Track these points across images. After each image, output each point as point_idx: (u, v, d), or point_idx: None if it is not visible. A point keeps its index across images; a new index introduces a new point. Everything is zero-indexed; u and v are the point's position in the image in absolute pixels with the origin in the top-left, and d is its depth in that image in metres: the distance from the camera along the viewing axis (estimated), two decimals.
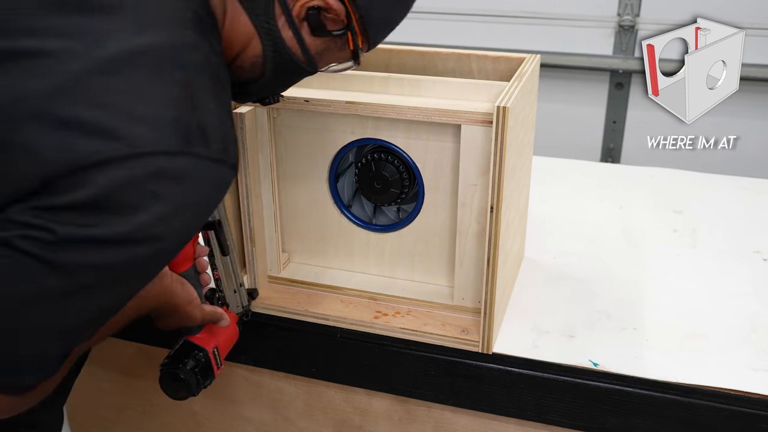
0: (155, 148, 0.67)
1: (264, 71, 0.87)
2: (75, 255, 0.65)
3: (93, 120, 0.66)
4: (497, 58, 1.19)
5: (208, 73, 0.74)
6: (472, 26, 3.08)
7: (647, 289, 1.24)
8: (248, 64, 0.85)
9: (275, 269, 1.20)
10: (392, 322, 1.11)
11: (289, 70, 0.88)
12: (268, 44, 0.84)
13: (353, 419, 1.19)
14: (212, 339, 1.00)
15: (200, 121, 0.71)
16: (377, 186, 1.11)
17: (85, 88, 0.66)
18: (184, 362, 0.96)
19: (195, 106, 0.71)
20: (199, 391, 0.98)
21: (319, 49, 0.87)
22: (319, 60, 0.89)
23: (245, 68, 0.86)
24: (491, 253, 1.01)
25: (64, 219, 0.64)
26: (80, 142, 0.65)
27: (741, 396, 0.99)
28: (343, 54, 0.90)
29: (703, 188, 1.64)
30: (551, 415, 1.06)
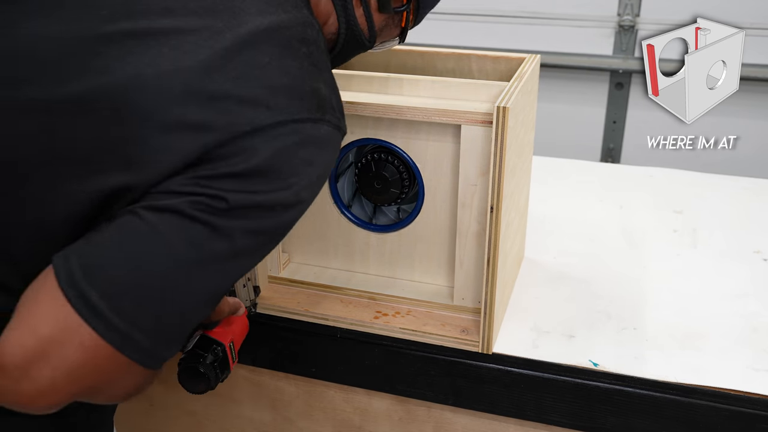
0: (301, 116, 0.71)
1: (334, 47, 0.91)
2: (243, 221, 0.68)
3: (243, 92, 0.69)
4: (497, 58, 1.19)
5: (322, 47, 0.79)
6: (472, 26, 3.08)
7: (647, 289, 1.24)
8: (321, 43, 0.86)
9: (275, 269, 1.20)
10: (392, 322, 1.11)
11: (354, 46, 0.92)
12: (342, 21, 0.88)
13: (353, 419, 1.19)
14: (228, 333, 1.01)
15: (325, 91, 0.76)
16: (377, 186, 1.11)
17: (231, 63, 0.70)
18: (204, 357, 0.96)
19: (320, 78, 0.76)
20: (217, 385, 0.98)
21: (381, 26, 0.92)
22: (378, 35, 0.93)
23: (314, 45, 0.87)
24: (491, 253, 1.01)
25: (231, 186, 0.67)
26: (234, 111, 0.68)
27: (741, 396, 0.99)
28: (395, 31, 0.95)
29: (703, 188, 1.64)
30: (551, 415, 1.06)
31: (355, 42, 0.91)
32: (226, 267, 0.70)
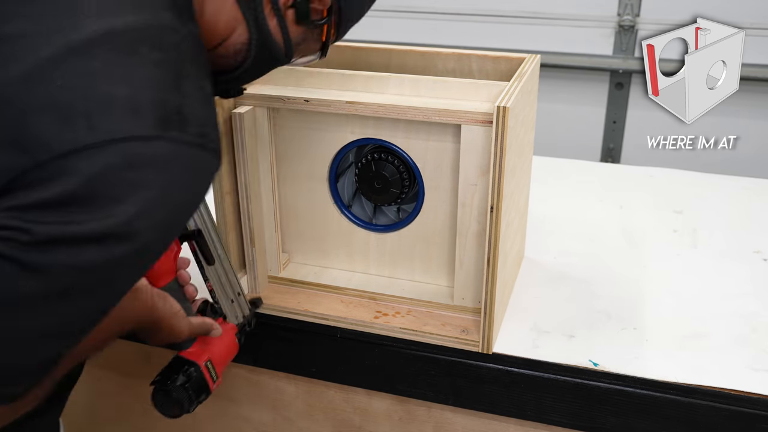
0: (130, 133, 0.62)
1: (245, 60, 0.84)
2: (54, 255, 0.60)
3: (63, 106, 0.61)
4: (497, 58, 1.19)
5: (187, 56, 0.71)
6: (472, 26, 3.08)
7: (647, 289, 1.24)
8: (231, 52, 0.83)
9: (275, 269, 1.20)
10: (392, 322, 1.11)
11: (268, 59, 0.86)
12: (254, 32, 0.82)
13: (353, 419, 1.19)
14: (204, 352, 0.97)
15: (178, 104, 0.66)
16: (377, 186, 1.11)
17: (56, 72, 0.62)
18: (174, 378, 0.93)
19: (172, 89, 0.67)
20: (194, 407, 0.95)
21: (299, 39, 0.86)
22: (296, 50, 0.87)
23: (228, 56, 0.83)
24: (491, 253, 1.01)
25: (38, 217, 0.59)
26: (50, 129, 0.60)
27: (741, 396, 0.99)
28: (314, 46, 0.89)
29: (703, 188, 1.64)
30: (551, 415, 1.06)
31: (269, 55, 0.85)
32: (55, 307, 0.62)
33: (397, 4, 3.15)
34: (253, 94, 1.08)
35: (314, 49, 0.90)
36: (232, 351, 1.03)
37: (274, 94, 1.07)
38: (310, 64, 0.94)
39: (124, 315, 0.83)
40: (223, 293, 1.03)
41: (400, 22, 3.16)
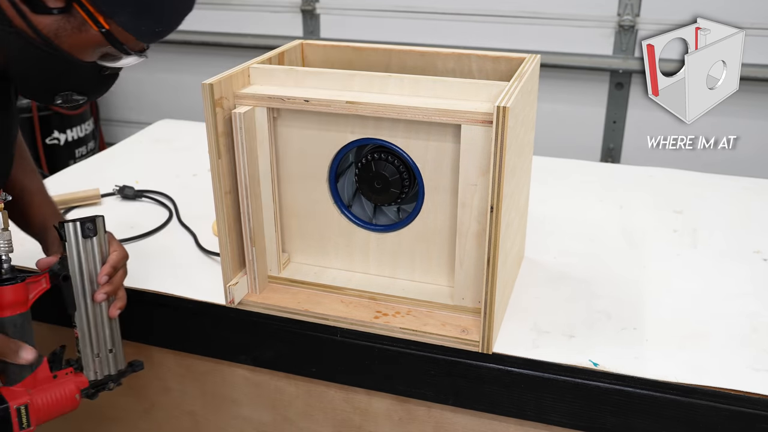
0: None
1: (1, 54, 0.87)
2: None
3: None
4: (497, 58, 1.19)
5: None
6: (472, 26, 3.08)
7: (647, 289, 1.24)
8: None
9: (275, 269, 1.20)
10: (392, 322, 1.11)
11: (33, 55, 0.87)
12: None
13: (353, 419, 1.19)
14: (24, 395, 0.94)
15: None
16: (377, 186, 1.11)
17: None
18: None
19: None
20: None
21: (53, 31, 0.87)
22: (61, 43, 0.88)
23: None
24: (491, 253, 1.01)
25: None
26: None
27: (741, 396, 0.99)
28: (92, 37, 0.88)
29: (703, 188, 1.64)
30: (551, 415, 1.06)
31: (27, 48, 0.87)
32: None
33: (397, 4, 3.15)
34: (253, 94, 1.08)
35: (98, 41, 0.89)
36: (64, 405, 0.99)
37: (274, 94, 1.07)
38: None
39: None
40: (89, 344, 1.03)
41: (400, 22, 3.16)
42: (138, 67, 0.98)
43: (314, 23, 3.30)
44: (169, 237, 1.42)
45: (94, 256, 1.04)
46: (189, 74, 3.40)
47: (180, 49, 3.40)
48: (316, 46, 1.28)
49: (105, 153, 1.95)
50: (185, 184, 1.63)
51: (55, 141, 3.23)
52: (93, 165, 1.83)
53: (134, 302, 1.22)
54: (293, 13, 3.31)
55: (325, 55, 1.28)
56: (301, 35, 3.31)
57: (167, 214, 1.50)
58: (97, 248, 1.04)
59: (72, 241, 1.01)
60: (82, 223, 1.02)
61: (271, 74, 1.11)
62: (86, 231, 1.02)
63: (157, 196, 1.58)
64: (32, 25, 0.86)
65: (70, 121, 3.27)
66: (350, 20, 3.25)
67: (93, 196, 1.55)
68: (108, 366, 1.06)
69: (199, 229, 1.42)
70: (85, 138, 3.36)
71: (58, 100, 0.96)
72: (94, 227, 1.03)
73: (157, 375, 1.29)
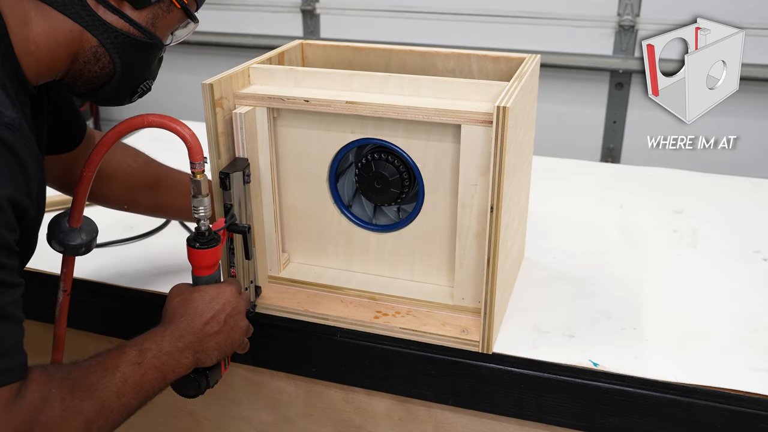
0: None
1: (112, 61, 0.92)
2: None
3: None
4: (497, 58, 1.19)
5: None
6: (472, 26, 3.08)
7: (647, 289, 1.24)
8: (92, 58, 0.90)
9: (275, 269, 1.20)
10: (392, 322, 1.11)
11: (136, 50, 0.93)
12: (100, 34, 0.90)
13: (353, 419, 1.19)
14: None
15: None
16: (377, 186, 1.11)
17: None
18: None
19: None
20: (206, 390, 0.99)
21: (150, 20, 0.93)
22: (156, 30, 0.93)
23: (91, 62, 0.91)
24: (491, 253, 1.01)
25: None
26: None
27: (741, 396, 0.99)
28: (176, 16, 0.95)
29: (703, 188, 1.64)
30: (551, 415, 1.06)
31: (135, 46, 0.92)
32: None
33: (397, 4, 3.15)
34: (253, 94, 1.08)
35: (179, 19, 0.96)
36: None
37: (274, 94, 1.07)
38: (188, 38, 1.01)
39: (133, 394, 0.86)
40: (243, 282, 1.10)
41: (400, 22, 3.17)
42: None
43: (314, 23, 3.30)
44: (169, 237, 1.42)
45: (250, 200, 1.08)
46: (189, 74, 3.40)
47: (180, 49, 3.38)
48: (316, 46, 1.28)
49: None
50: None
51: None
52: None
53: (134, 302, 1.22)
54: (293, 13, 3.31)
55: (325, 55, 1.28)
56: (301, 35, 3.31)
57: None
58: (252, 194, 1.10)
59: (236, 190, 1.04)
60: (243, 170, 1.05)
61: (271, 74, 1.11)
62: (246, 178, 1.06)
63: None
64: (134, 21, 0.91)
65: None
66: (350, 20, 3.25)
67: None
68: (251, 294, 1.12)
69: None
70: None
71: (138, 93, 1.00)
72: (250, 174, 1.07)
73: None
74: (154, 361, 0.88)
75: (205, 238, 0.99)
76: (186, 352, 0.92)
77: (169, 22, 0.95)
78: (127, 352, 0.87)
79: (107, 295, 1.24)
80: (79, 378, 0.81)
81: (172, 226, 1.46)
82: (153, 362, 0.88)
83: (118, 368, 0.84)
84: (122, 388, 0.83)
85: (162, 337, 0.91)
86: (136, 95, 1.00)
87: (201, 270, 1.00)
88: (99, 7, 0.88)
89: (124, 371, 0.84)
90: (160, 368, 0.88)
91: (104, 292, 1.24)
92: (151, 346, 0.89)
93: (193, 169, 0.96)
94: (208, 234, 1.00)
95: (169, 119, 0.95)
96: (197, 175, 0.97)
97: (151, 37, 0.93)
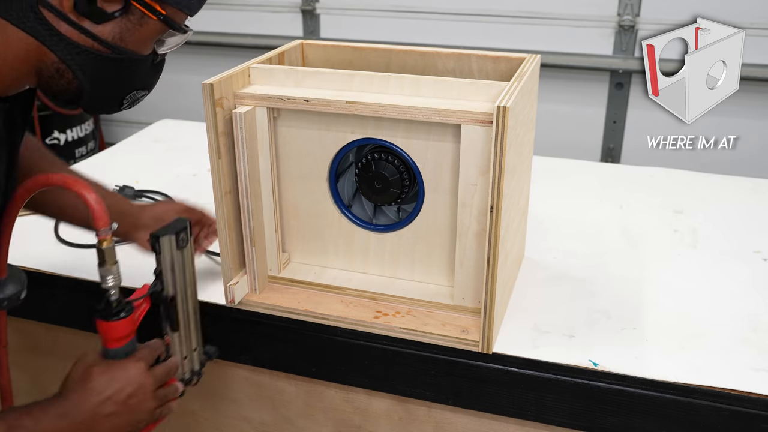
0: None
1: (76, 77, 0.87)
2: None
3: None
4: (497, 58, 1.19)
5: None
6: (472, 26, 3.08)
7: (647, 289, 1.24)
8: (55, 74, 0.86)
9: (275, 269, 1.20)
10: (392, 322, 1.11)
11: (102, 66, 0.87)
12: (60, 50, 0.85)
13: (353, 419, 1.19)
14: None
15: None
16: (377, 186, 1.11)
17: None
18: None
19: None
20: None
21: (116, 35, 0.86)
22: (127, 44, 0.87)
23: (54, 78, 0.86)
24: (491, 253, 1.01)
25: None
26: None
27: (741, 396, 0.99)
28: (153, 27, 0.88)
29: (703, 188, 1.64)
30: (551, 415, 1.06)
31: (101, 61, 0.86)
32: None
33: (397, 4, 3.15)
34: (253, 94, 1.08)
35: (160, 30, 0.89)
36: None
37: (274, 94, 1.07)
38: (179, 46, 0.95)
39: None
40: (178, 351, 1.00)
41: (400, 22, 3.16)
42: None
43: (314, 23, 3.30)
44: None
45: (187, 264, 0.97)
46: (189, 74, 3.40)
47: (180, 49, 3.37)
48: (316, 46, 1.28)
49: (105, 153, 1.95)
50: (185, 184, 1.63)
51: (56, 141, 3.23)
52: (93, 165, 1.83)
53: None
54: (293, 13, 3.31)
55: (325, 55, 1.28)
56: (301, 35, 3.31)
57: None
58: (188, 256, 0.97)
59: (167, 256, 0.94)
60: (177, 235, 0.94)
61: (271, 74, 1.11)
62: (181, 242, 0.95)
63: (157, 196, 1.58)
64: (97, 36, 0.85)
65: (70, 121, 3.27)
66: (350, 20, 3.25)
67: None
68: (193, 362, 1.03)
69: None
70: (85, 138, 3.36)
71: (126, 103, 0.95)
72: (186, 237, 0.95)
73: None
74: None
75: (112, 309, 0.90)
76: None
77: (145, 35, 0.88)
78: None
79: None
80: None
81: None
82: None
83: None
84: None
85: (44, 414, 0.82)
86: (125, 105, 0.95)
87: (108, 342, 0.91)
88: (60, 22, 0.83)
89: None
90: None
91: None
92: (26, 423, 0.80)
93: (98, 236, 0.87)
94: (116, 305, 0.90)
95: (74, 180, 0.86)
96: (103, 243, 0.87)
97: (120, 51, 0.87)
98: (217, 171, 1.08)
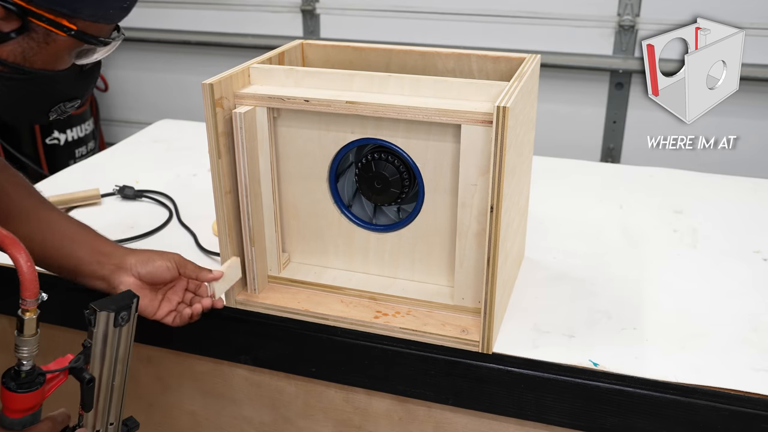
0: None
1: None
2: None
3: None
4: (497, 58, 1.19)
5: None
6: (472, 26, 3.08)
7: (647, 289, 1.24)
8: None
9: (275, 269, 1.20)
10: (392, 322, 1.11)
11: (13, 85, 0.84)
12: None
13: (353, 419, 1.19)
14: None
15: None
16: (377, 186, 1.11)
17: None
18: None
19: None
20: None
21: (20, 54, 0.83)
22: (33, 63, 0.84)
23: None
24: (491, 253, 1.01)
25: None
26: None
27: (741, 396, 0.99)
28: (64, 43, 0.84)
29: (703, 188, 1.64)
30: (551, 415, 1.06)
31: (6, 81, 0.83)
32: None
33: (397, 4, 3.15)
34: (253, 94, 1.08)
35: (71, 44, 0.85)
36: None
37: (274, 94, 1.07)
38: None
39: None
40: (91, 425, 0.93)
41: (400, 22, 3.16)
42: (138, 66, 0.97)
43: (314, 23, 3.30)
44: (169, 237, 1.42)
45: (123, 343, 0.90)
46: (189, 74, 3.40)
47: (180, 49, 3.40)
48: (316, 46, 1.28)
49: (105, 153, 1.95)
50: (185, 184, 1.63)
51: (55, 141, 3.23)
52: (93, 165, 1.83)
53: None
54: (293, 13, 3.31)
55: (325, 55, 1.28)
56: (301, 35, 3.31)
57: (167, 214, 1.50)
58: (126, 335, 0.90)
59: (101, 333, 0.87)
60: (117, 312, 0.86)
61: (271, 74, 1.11)
62: (119, 321, 0.87)
63: (157, 196, 1.58)
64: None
65: (70, 121, 3.27)
66: (350, 20, 3.25)
67: (93, 196, 1.55)
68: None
69: (199, 229, 1.42)
70: (85, 138, 3.36)
71: (53, 115, 0.92)
72: (128, 315, 0.88)
73: (157, 375, 1.29)
74: None
75: (20, 379, 0.83)
76: None
77: (55, 51, 0.84)
78: None
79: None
80: None
81: (172, 225, 1.46)
82: None
83: None
84: None
85: None
86: (55, 116, 0.92)
87: (7, 411, 0.85)
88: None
89: None
90: None
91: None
92: None
93: (23, 305, 0.81)
94: (25, 376, 0.83)
95: (12, 241, 0.80)
96: (25, 314, 0.81)
97: (23, 72, 0.83)
98: (217, 171, 1.08)
